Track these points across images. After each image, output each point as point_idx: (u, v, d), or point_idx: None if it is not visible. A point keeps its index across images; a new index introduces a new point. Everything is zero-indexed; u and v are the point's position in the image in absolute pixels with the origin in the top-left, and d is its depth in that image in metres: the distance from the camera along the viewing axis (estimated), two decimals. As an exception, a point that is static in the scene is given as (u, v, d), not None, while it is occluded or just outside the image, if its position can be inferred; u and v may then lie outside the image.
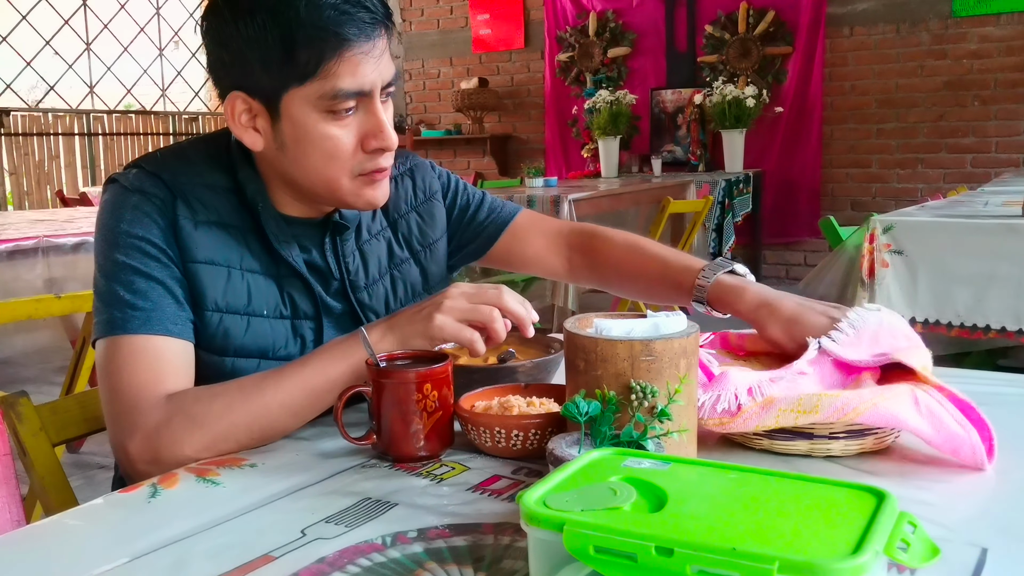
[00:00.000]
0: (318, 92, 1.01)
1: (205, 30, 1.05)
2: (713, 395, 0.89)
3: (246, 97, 1.04)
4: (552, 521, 0.56)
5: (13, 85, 7.37)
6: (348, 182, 1.07)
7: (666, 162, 6.46)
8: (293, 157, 1.05)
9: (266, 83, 1.02)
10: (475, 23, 7.50)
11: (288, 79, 1.01)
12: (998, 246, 2.48)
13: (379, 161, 1.07)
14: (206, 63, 1.09)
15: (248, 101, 1.04)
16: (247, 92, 1.04)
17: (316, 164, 1.05)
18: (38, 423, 1.13)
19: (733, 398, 0.88)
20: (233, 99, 1.04)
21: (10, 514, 1.04)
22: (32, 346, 2.94)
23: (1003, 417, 1.02)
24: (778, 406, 0.87)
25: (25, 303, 2.11)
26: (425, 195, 1.30)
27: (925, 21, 5.87)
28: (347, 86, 1.00)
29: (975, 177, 5.65)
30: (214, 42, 1.04)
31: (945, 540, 0.68)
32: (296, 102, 1.02)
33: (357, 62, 1.00)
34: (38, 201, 7.47)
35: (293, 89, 1.01)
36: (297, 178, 1.08)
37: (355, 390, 0.93)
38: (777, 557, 0.49)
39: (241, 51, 1.01)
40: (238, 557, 0.72)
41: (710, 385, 0.90)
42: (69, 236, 2.86)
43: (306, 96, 1.01)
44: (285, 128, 1.04)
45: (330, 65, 0.99)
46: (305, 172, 1.06)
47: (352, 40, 0.99)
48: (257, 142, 1.07)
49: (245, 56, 1.01)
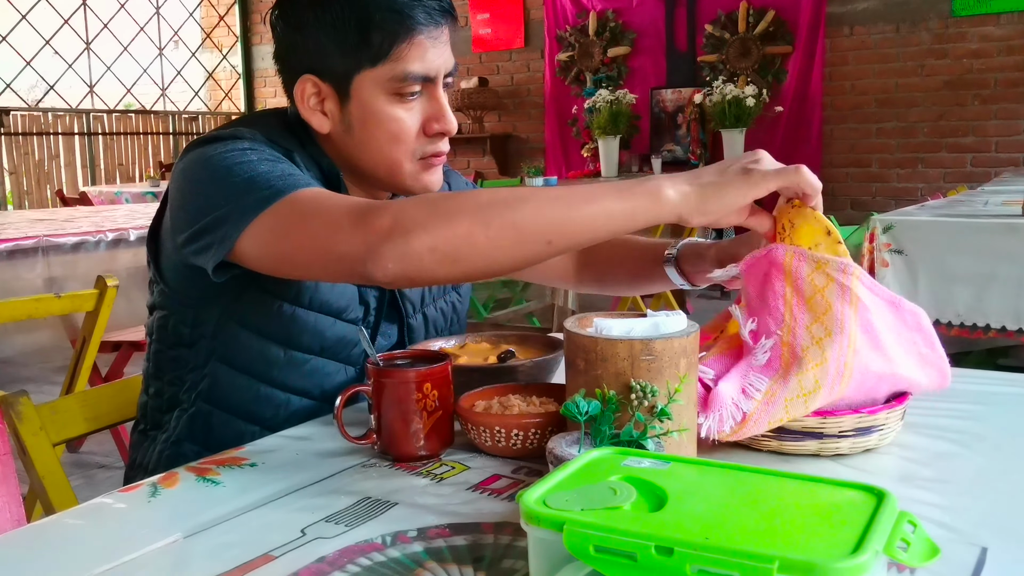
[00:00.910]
0: (388, 74, 1.06)
1: (279, 16, 1.10)
2: (714, 416, 0.88)
3: (317, 80, 1.08)
4: (552, 520, 0.56)
5: (13, 85, 7.38)
6: (409, 165, 1.11)
7: (666, 161, 6.47)
8: (360, 139, 1.10)
9: (339, 65, 1.07)
10: (475, 22, 7.50)
11: (361, 61, 1.06)
12: (998, 246, 2.48)
13: (439, 145, 1.12)
14: (275, 49, 1.13)
15: (318, 84, 1.08)
16: (318, 75, 1.08)
17: (381, 145, 1.09)
18: (38, 422, 1.13)
19: (734, 409, 0.87)
20: (304, 82, 1.09)
21: (10, 513, 1.03)
22: (32, 346, 2.94)
23: (1003, 417, 1.02)
24: (783, 397, 0.86)
25: (25, 302, 2.11)
26: None
27: (925, 20, 5.87)
28: (415, 69, 1.06)
29: (975, 176, 5.65)
30: (289, 26, 1.10)
31: (945, 540, 0.68)
32: (366, 84, 1.07)
33: (426, 47, 1.06)
34: (38, 200, 7.48)
35: (365, 71, 1.06)
36: (361, 160, 1.12)
37: (355, 390, 0.93)
38: (777, 556, 0.49)
39: (317, 34, 1.07)
40: (238, 556, 0.72)
41: (706, 408, 0.88)
42: (69, 236, 2.86)
43: (376, 78, 1.06)
44: (353, 110, 1.08)
45: (401, 48, 1.05)
46: (370, 154, 1.10)
47: (422, 25, 1.06)
48: (324, 124, 1.10)
49: (321, 39, 1.07)
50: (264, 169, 0.99)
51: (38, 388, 3.52)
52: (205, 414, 1.13)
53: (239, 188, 0.98)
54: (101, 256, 2.93)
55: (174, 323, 1.15)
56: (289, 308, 1.09)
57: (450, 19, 1.10)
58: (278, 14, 1.10)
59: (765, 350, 0.90)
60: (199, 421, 1.13)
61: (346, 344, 1.13)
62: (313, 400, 1.13)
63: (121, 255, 2.97)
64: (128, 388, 1.28)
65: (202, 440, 1.13)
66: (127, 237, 2.99)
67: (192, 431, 1.14)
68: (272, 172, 0.99)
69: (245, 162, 1.01)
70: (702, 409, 0.87)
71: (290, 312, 1.09)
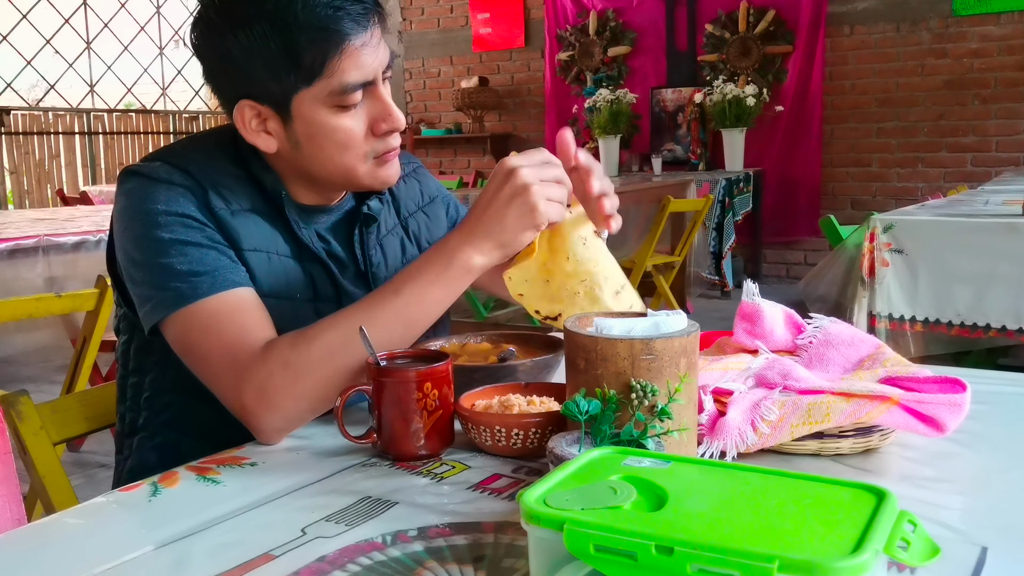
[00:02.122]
0: (326, 90, 1.03)
1: (198, 43, 1.06)
2: (718, 445, 0.87)
3: (254, 104, 1.06)
4: (552, 520, 0.56)
5: (14, 84, 7.38)
6: (363, 167, 1.10)
7: (666, 161, 6.47)
8: (309, 153, 1.08)
9: (275, 89, 1.04)
10: (475, 22, 7.50)
11: (296, 82, 1.03)
12: (998, 245, 2.48)
13: (389, 142, 1.10)
14: (203, 73, 1.09)
15: (257, 107, 1.06)
16: (255, 99, 1.05)
17: (332, 156, 1.07)
18: (39, 422, 1.13)
19: (739, 439, 0.87)
20: (241, 108, 1.06)
21: (10, 513, 1.03)
22: (32, 345, 2.94)
23: (1003, 417, 1.02)
24: (789, 422, 0.87)
25: (25, 302, 2.11)
26: (430, 197, 1.34)
27: (925, 20, 5.87)
28: (353, 79, 1.03)
29: (975, 176, 5.65)
30: (212, 54, 1.06)
31: (945, 539, 0.68)
32: (306, 102, 1.04)
33: (358, 54, 1.03)
34: (38, 200, 7.47)
35: (302, 91, 1.03)
36: (314, 172, 1.10)
37: (355, 389, 0.93)
38: (777, 556, 0.49)
39: (244, 62, 1.03)
40: (239, 556, 0.72)
41: (711, 435, 0.87)
42: (69, 235, 2.86)
43: (315, 95, 1.03)
44: (298, 128, 1.06)
45: (334, 62, 1.01)
46: (322, 165, 1.09)
47: (350, 34, 1.02)
48: (271, 144, 1.08)
49: (249, 66, 1.03)
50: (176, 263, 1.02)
51: (38, 387, 3.52)
52: (173, 444, 1.12)
53: (155, 277, 1.03)
54: (101, 256, 2.89)
55: (135, 349, 1.15)
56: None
57: (379, 17, 1.06)
58: (197, 41, 1.06)
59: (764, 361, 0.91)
60: (168, 453, 1.10)
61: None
62: None
63: (121, 255, 2.96)
64: (128, 387, 1.28)
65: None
66: (127, 236, 2.98)
67: (163, 462, 1.03)
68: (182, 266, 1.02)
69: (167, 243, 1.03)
70: (708, 432, 0.87)
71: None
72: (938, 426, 0.87)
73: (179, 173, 1.07)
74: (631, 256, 4.59)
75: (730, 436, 0.87)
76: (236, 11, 1.02)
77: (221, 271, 1.03)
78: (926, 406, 0.86)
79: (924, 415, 0.86)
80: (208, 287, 1.01)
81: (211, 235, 1.05)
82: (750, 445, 0.87)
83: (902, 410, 0.86)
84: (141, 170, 1.08)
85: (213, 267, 1.03)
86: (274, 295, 1.09)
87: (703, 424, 0.88)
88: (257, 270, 1.07)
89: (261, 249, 1.09)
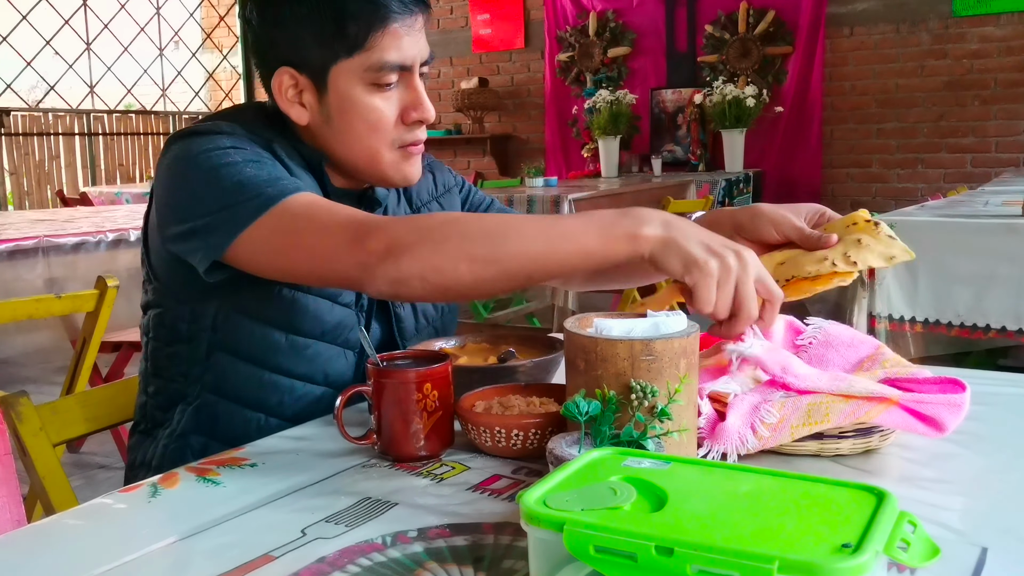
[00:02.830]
0: (364, 64, 1.08)
1: (253, 10, 1.11)
2: (718, 449, 0.87)
3: (294, 72, 1.10)
4: (552, 521, 0.56)
5: (13, 85, 7.37)
6: (388, 154, 1.12)
7: (666, 162, 6.46)
8: (338, 128, 1.11)
9: (316, 57, 1.09)
10: (475, 23, 7.50)
11: (337, 52, 1.08)
12: (998, 246, 2.48)
13: (417, 133, 1.14)
14: (251, 42, 1.15)
15: (295, 76, 1.10)
16: (295, 67, 1.10)
17: (360, 134, 1.11)
18: (38, 423, 1.13)
19: (739, 443, 0.86)
20: (281, 74, 1.10)
21: (10, 514, 1.04)
22: (32, 346, 2.94)
23: (1003, 417, 1.02)
24: (789, 423, 0.87)
25: (25, 303, 2.11)
26: (445, 187, 1.36)
27: (925, 21, 5.87)
28: (391, 58, 1.08)
29: (975, 177, 5.65)
30: (264, 21, 1.11)
31: (945, 540, 0.68)
32: (343, 75, 1.09)
33: (400, 35, 1.08)
34: (38, 201, 7.47)
35: (341, 62, 1.08)
36: (340, 150, 1.13)
37: (355, 390, 0.94)
38: (777, 557, 0.49)
39: (293, 27, 1.08)
40: (238, 557, 0.72)
41: (713, 439, 0.87)
42: (69, 236, 2.86)
43: (352, 69, 1.08)
44: (331, 100, 1.10)
45: (376, 37, 1.07)
46: (349, 143, 1.12)
47: (396, 14, 1.07)
48: (303, 116, 1.12)
49: (297, 32, 1.08)
50: (251, 172, 1.01)
51: (38, 388, 3.52)
52: (211, 405, 1.14)
53: (228, 193, 0.99)
54: (101, 256, 2.93)
55: (171, 319, 1.15)
56: (289, 292, 1.10)
57: (423, 7, 1.11)
58: (254, 9, 1.12)
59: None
60: (204, 413, 1.14)
61: (344, 328, 1.14)
62: (316, 385, 1.14)
63: (121, 255, 2.97)
64: (128, 388, 1.28)
65: (208, 431, 1.14)
66: (127, 237, 2.99)
67: (198, 423, 1.14)
68: (259, 176, 1.01)
69: (231, 163, 1.02)
70: (708, 435, 0.87)
71: (290, 296, 1.10)
72: (938, 426, 0.87)
73: (234, 125, 1.10)
74: (631, 257, 4.57)
75: (730, 440, 0.86)
76: None
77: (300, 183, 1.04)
78: (925, 406, 0.86)
79: (923, 415, 0.87)
80: (293, 187, 1.01)
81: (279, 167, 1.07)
82: (750, 448, 0.87)
83: (901, 410, 0.86)
84: (196, 129, 1.10)
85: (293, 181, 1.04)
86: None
87: (702, 427, 0.88)
88: None
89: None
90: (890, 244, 0.98)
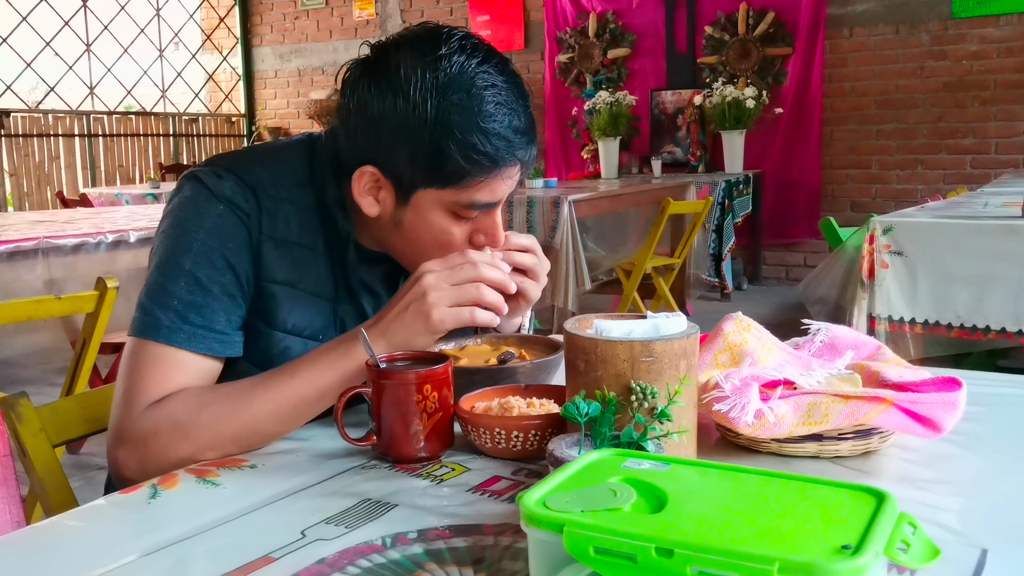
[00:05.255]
0: (453, 198, 1.02)
1: (356, 93, 1.02)
2: (737, 403, 0.87)
3: (379, 175, 1.04)
4: (552, 522, 0.56)
5: (13, 86, 7.38)
6: None
7: (666, 163, 6.47)
8: (406, 237, 1.07)
9: (406, 175, 1.02)
10: (475, 24, 7.51)
11: (431, 181, 1.01)
12: (998, 247, 2.48)
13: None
14: (342, 118, 1.05)
15: (379, 177, 1.04)
16: (382, 170, 1.03)
17: (426, 248, 1.06)
18: (38, 424, 1.13)
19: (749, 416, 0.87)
20: (364, 171, 1.04)
21: (10, 515, 1.03)
22: (32, 347, 2.94)
23: (1003, 418, 1.02)
24: (790, 422, 0.87)
25: (25, 304, 2.11)
26: None
27: (925, 22, 5.87)
28: (482, 199, 1.03)
29: (975, 178, 5.66)
30: (364, 114, 1.01)
31: (945, 541, 0.68)
32: (428, 198, 1.03)
33: (499, 182, 1.02)
34: (38, 202, 7.48)
35: (431, 189, 1.02)
36: (398, 248, 1.10)
37: (355, 391, 0.93)
38: (777, 558, 0.49)
39: (391, 135, 1.00)
40: (238, 558, 0.72)
41: (739, 393, 0.88)
42: (69, 237, 2.86)
43: (440, 197, 1.02)
44: (408, 215, 1.05)
45: (476, 182, 1.01)
46: (410, 251, 1.09)
47: (504, 166, 1.01)
48: (374, 209, 1.06)
49: (394, 144, 1.00)
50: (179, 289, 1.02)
51: (38, 390, 3.52)
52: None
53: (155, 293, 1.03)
54: (101, 257, 2.93)
55: None
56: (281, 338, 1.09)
57: (531, 157, 1.06)
58: (356, 91, 1.02)
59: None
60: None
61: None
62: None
63: (121, 257, 2.97)
64: (128, 390, 1.28)
65: None
66: (127, 239, 2.99)
67: None
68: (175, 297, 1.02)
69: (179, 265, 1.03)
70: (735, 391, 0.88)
71: (281, 347, 1.09)
72: (935, 426, 0.87)
73: (244, 192, 1.06)
74: (631, 258, 4.59)
75: (750, 399, 0.87)
76: (409, 83, 0.98)
77: (207, 330, 1.02)
78: (920, 406, 0.86)
79: (920, 415, 0.87)
80: (183, 339, 1.01)
81: (229, 284, 1.04)
82: (748, 423, 0.86)
83: (899, 411, 0.86)
84: (207, 180, 1.06)
85: (203, 323, 1.02)
86: (296, 333, 1.09)
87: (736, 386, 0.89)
88: (283, 305, 1.07)
89: (295, 285, 1.08)
90: None
